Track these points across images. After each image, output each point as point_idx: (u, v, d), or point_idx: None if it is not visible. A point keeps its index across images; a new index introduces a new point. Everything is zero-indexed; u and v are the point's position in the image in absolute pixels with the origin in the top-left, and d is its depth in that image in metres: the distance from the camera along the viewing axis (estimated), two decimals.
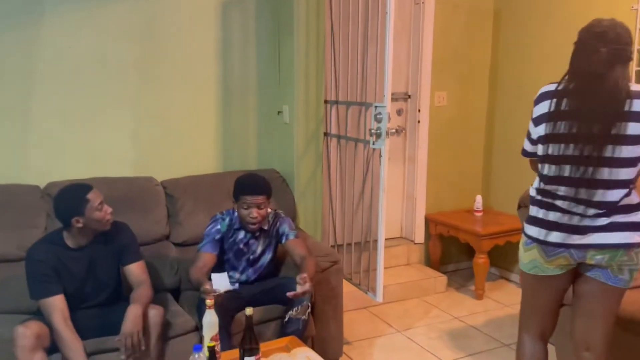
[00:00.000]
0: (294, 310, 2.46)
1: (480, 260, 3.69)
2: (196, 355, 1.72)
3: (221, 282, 2.34)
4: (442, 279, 3.89)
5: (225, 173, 3.23)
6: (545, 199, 1.95)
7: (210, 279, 2.39)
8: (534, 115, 1.97)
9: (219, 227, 2.60)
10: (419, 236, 4.13)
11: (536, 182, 2.03)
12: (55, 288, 2.20)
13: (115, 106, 3.02)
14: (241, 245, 2.63)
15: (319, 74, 3.22)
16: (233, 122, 3.34)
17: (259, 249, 2.67)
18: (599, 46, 1.80)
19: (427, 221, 4.11)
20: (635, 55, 3.13)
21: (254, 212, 2.53)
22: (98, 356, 2.21)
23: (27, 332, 2.03)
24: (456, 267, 4.33)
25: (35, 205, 2.68)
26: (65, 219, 2.23)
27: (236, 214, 2.62)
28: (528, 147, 2.06)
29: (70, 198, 2.24)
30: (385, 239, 3.61)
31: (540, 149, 1.95)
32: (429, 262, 4.16)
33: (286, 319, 2.47)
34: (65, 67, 2.88)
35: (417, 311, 3.53)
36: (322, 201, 3.38)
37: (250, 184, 2.57)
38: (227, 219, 2.63)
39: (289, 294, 2.33)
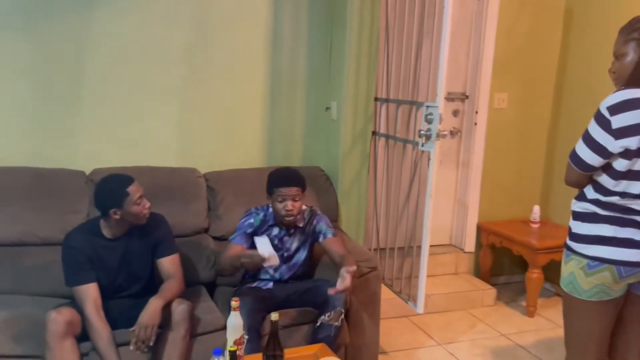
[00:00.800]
0: (327, 315, 2.36)
1: (534, 275, 3.46)
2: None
3: (264, 246, 2.29)
4: (491, 291, 3.68)
5: (269, 168, 3.13)
6: (619, 215, 1.73)
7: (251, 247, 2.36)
8: (616, 126, 1.68)
9: (252, 220, 2.54)
10: (469, 245, 3.93)
11: (591, 194, 1.80)
12: (89, 276, 2.20)
13: (161, 95, 3.02)
14: (275, 242, 2.55)
15: (371, 70, 3.10)
16: (279, 117, 3.27)
17: (294, 246, 2.59)
18: None
19: (479, 230, 3.90)
20: None
21: (289, 204, 2.44)
22: (127, 347, 2.18)
23: (58, 318, 2.03)
24: (507, 280, 4.10)
25: (79, 191, 2.70)
26: (104, 209, 2.22)
27: (271, 209, 2.55)
28: (594, 161, 1.75)
29: (110, 189, 2.23)
30: (433, 246, 3.47)
31: (623, 164, 1.71)
32: (479, 273, 3.95)
33: (318, 324, 2.37)
34: (115, 54, 2.89)
35: (462, 324, 3.35)
36: (367, 202, 3.26)
37: (284, 176, 2.50)
38: (262, 214, 2.56)
39: (330, 290, 2.23)
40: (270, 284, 2.58)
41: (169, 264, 2.37)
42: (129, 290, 2.36)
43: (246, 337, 2.24)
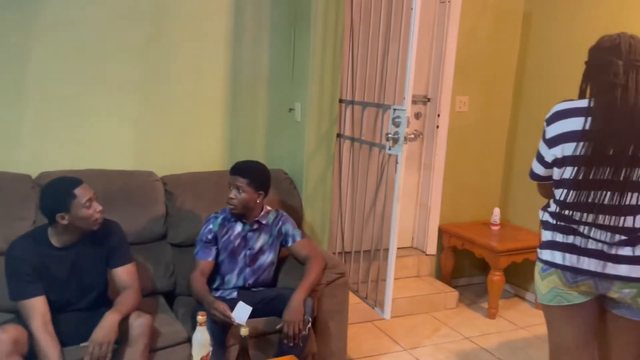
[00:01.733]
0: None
1: (495, 277, 3.48)
2: None
3: (241, 315, 2.15)
4: (454, 294, 3.69)
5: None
6: (563, 224, 1.76)
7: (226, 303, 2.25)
8: (548, 136, 1.77)
9: (210, 226, 2.47)
10: (431, 247, 3.93)
11: (552, 206, 1.82)
12: (36, 289, 2.03)
13: (117, 92, 2.85)
14: (237, 241, 2.47)
15: (335, 71, 3.02)
16: (241, 118, 3.15)
17: (258, 244, 2.51)
18: (614, 59, 1.64)
19: (441, 232, 3.90)
20: None
21: (232, 193, 2.41)
22: None
23: (3, 337, 1.86)
24: (468, 282, 4.12)
25: (24, 196, 2.50)
26: (50, 214, 2.05)
27: None
28: (539, 170, 1.86)
29: (55, 192, 2.06)
30: (385, 249, 3.43)
31: (555, 173, 1.76)
32: (440, 276, 3.95)
33: (278, 327, 2.28)
34: (67, 45, 2.70)
35: (426, 328, 3.33)
36: (332, 206, 3.19)
37: (237, 165, 2.48)
38: (221, 217, 2.50)
39: (278, 327, 2.25)
40: (235, 293, 2.48)
41: (124, 274, 2.22)
42: (79, 303, 2.20)
43: (210, 348, 2.13)
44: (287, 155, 3.26)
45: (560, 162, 1.74)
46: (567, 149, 1.70)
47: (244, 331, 1.71)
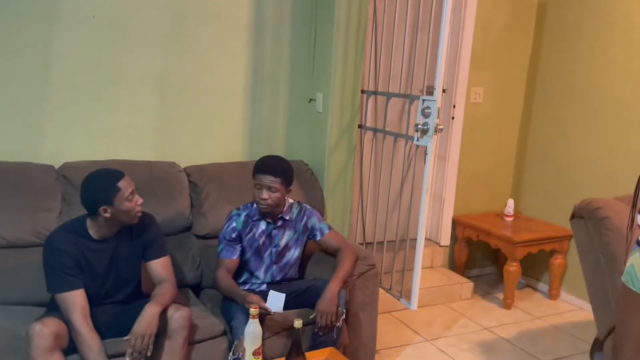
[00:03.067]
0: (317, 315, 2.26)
1: (512, 268, 3.50)
2: None
3: (276, 303, 2.14)
4: (469, 285, 3.70)
5: (252, 162, 2.99)
6: None
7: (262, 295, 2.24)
8: None
9: (234, 224, 2.41)
10: (445, 238, 3.94)
11: None
12: (77, 282, 1.99)
13: (138, 83, 2.80)
14: (262, 239, 2.43)
15: (358, 62, 3.00)
16: (262, 108, 3.12)
17: (283, 241, 2.46)
18: None
19: (455, 223, 3.91)
20: None
21: (264, 194, 2.32)
22: (117, 359, 1.99)
23: (44, 331, 1.82)
24: (480, 272, 4.14)
25: (50, 187, 2.45)
26: (92, 206, 2.01)
27: (255, 205, 2.42)
28: None
29: (99, 184, 2.03)
30: (410, 240, 3.44)
31: None
32: (453, 266, 3.97)
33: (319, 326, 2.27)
34: (88, 36, 2.65)
35: (444, 319, 3.34)
36: (352, 197, 3.17)
37: (265, 163, 2.38)
38: (243, 214, 2.43)
39: (311, 317, 2.24)
40: (264, 286, 2.45)
41: (160, 267, 2.19)
42: (116, 296, 2.17)
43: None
44: (307, 146, 3.23)
45: None
46: None
47: (298, 323, 1.69)
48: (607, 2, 3.41)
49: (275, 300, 2.18)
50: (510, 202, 3.87)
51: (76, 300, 1.96)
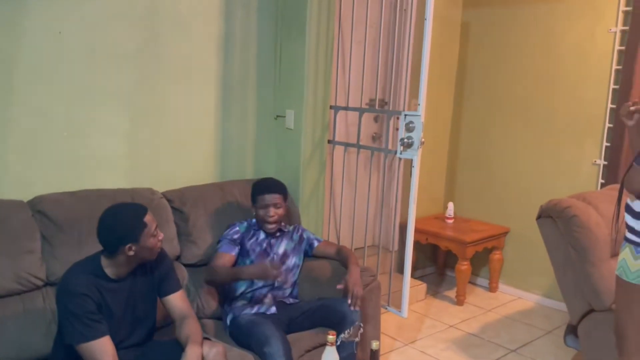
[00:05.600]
0: (346, 332, 2.28)
1: (464, 267, 3.75)
2: None
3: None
4: (422, 286, 3.90)
5: (229, 182, 2.92)
6: None
7: None
8: None
9: (237, 228, 2.54)
10: (394, 244, 4.09)
11: None
12: (103, 328, 1.82)
13: (106, 105, 2.57)
14: (264, 245, 2.52)
15: (327, 78, 3.05)
16: (231, 127, 3.03)
17: (282, 249, 2.57)
18: None
19: (402, 229, 4.09)
20: (613, 76, 3.41)
21: (271, 211, 2.50)
22: None
23: None
24: (422, 273, 4.37)
25: (26, 226, 2.17)
26: (115, 245, 1.84)
27: (254, 220, 2.55)
28: None
29: (125, 221, 1.86)
30: (359, 248, 3.57)
31: None
32: (402, 270, 4.14)
33: (338, 343, 2.27)
34: (52, 57, 2.38)
35: (411, 321, 3.49)
36: (324, 211, 3.21)
37: (265, 184, 2.58)
38: (245, 223, 2.56)
39: (339, 286, 2.36)
40: (265, 289, 2.45)
41: (179, 300, 2.06)
42: (132, 338, 1.99)
43: None
44: (275, 164, 3.20)
45: None
46: None
47: (375, 345, 1.69)
48: (525, 19, 3.82)
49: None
50: (451, 205, 4.14)
51: (106, 348, 1.78)
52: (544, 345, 3.22)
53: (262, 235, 2.55)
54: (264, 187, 2.54)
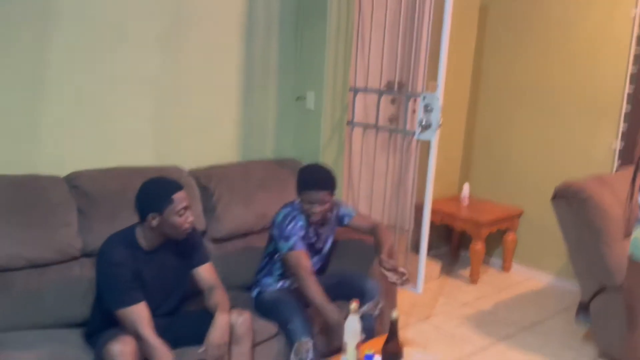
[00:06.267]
0: (367, 306, 2.38)
1: (478, 247, 3.83)
2: None
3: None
4: (436, 266, 3.99)
5: (252, 162, 3.02)
6: None
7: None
8: None
9: (301, 223, 2.43)
10: (409, 224, 4.18)
11: None
12: (139, 295, 1.94)
13: (134, 87, 2.68)
14: (312, 237, 2.50)
15: (347, 60, 3.12)
16: (252, 108, 3.12)
17: (324, 235, 2.57)
18: None
19: (418, 209, 4.17)
20: (631, 60, 3.44)
21: (317, 208, 2.38)
22: None
23: (126, 350, 1.77)
24: (436, 253, 4.45)
25: (64, 200, 2.29)
26: (143, 212, 1.97)
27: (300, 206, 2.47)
28: None
29: (154, 191, 1.98)
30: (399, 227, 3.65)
31: None
32: (416, 250, 4.23)
33: (359, 315, 2.37)
34: (84, 40, 2.48)
35: (425, 299, 3.59)
36: (342, 192, 3.30)
37: (315, 179, 2.40)
38: (304, 215, 2.43)
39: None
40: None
41: (208, 272, 2.17)
42: (164, 307, 2.12)
43: (310, 343, 2.17)
44: (294, 144, 3.29)
45: None
46: None
47: (395, 314, 1.79)
48: (543, 3, 3.84)
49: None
50: (466, 187, 4.21)
51: (143, 313, 1.90)
52: (556, 323, 3.31)
53: (311, 228, 2.49)
54: (312, 182, 2.38)
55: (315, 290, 2.25)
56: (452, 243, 4.49)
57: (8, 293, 2.07)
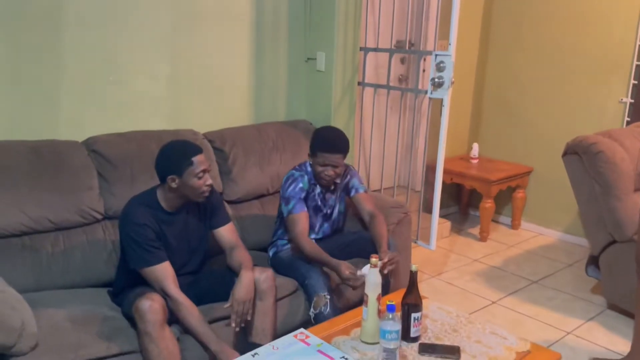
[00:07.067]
0: (382, 262, 2.43)
1: (487, 205, 3.88)
2: (390, 316, 1.66)
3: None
4: (447, 224, 4.05)
5: (264, 124, 3.04)
6: None
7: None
8: None
9: (301, 185, 2.44)
10: (419, 184, 4.22)
11: None
12: (162, 254, 1.99)
13: (148, 50, 2.68)
14: (319, 202, 2.52)
15: (357, 20, 3.10)
16: (264, 70, 3.12)
17: (332, 201, 2.57)
18: None
19: (428, 169, 4.20)
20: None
21: (330, 171, 2.39)
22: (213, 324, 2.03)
23: (155, 306, 1.83)
24: (445, 212, 4.51)
25: (85, 165, 2.34)
26: (162, 173, 2.01)
27: (310, 168, 2.48)
28: None
29: (174, 153, 2.01)
30: (389, 188, 3.70)
31: None
32: (426, 210, 4.29)
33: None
34: (96, 4, 2.47)
35: (437, 256, 3.66)
36: (354, 153, 3.33)
37: (330, 141, 2.40)
38: (306, 177, 2.46)
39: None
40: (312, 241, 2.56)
41: (229, 232, 2.22)
42: (188, 266, 2.18)
43: (328, 297, 2.24)
44: (306, 105, 3.30)
45: None
46: None
47: (414, 267, 1.84)
48: None
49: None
50: (475, 146, 4.23)
51: (167, 271, 1.97)
52: (565, 277, 3.38)
53: (318, 190, 2.49)
54: (329, 145, 2.37)
55: (310, 250, 2.32)
56: (462, 202, 4.54)
57: (37, 254, 2.14)
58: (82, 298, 2.07)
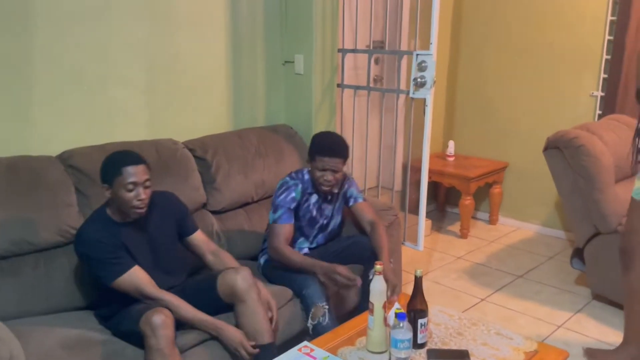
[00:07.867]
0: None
1: (467, 201, 3.90)
2: (401, 324, 1.62)
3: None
4: (427, 222, 4.04)
5: (245, 130, 2.97)
6: None
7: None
8: None
9: (293, 195, 2.36)
10: (398, 184, 4.22)
11: None
12: (128, 261, 1.92)
13: (123, 58, 2.57)
14: (314, 212, 2.45)
15: (334, 22, 3.06)
16: (241, 76, 3.05)
17: (330, 212, 2.51)
18: None
19: (411, 169, 4.20)
20: (610, 8, 3.48)
21: (329, 176, 2.32)
22: None
23: (168, 321, 1.78)
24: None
25: (61, 180, 2.21)
26: (101, 182, 1.94)
27: (307, 177, 2.42)
28: None
29: (107, 163, 1.95)
30: (372, 187, 3.69)
31: None
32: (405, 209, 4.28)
33: (370, 277, 2.38)
34: (69, 12, 2.35)
35: (421, 255, 3.65)
36: None
37: (329, 145, 2.33)
38: (300, 185, 2.39)
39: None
40: (306, 249, 2.50)
41: (201, 238, 2.21)
42: (171, 282, 2.09)
43: (326, 307, 2.18)
44: (285, 109, 3.24)
45: None
46: None
47: (419, 272, 1.81)
48: None
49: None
50: (451, 144, 4.26)
51: (140, 275, 1.91)
52: (549, 270, 3.43)
53: (313, 199, 2.43)
54: (327, 148, 2.30)
55: (296, 258, 2.28)
56: (439, 200, 4.56)
57: (17, 279, 2.01)
58: (69, 322, 1.96)
